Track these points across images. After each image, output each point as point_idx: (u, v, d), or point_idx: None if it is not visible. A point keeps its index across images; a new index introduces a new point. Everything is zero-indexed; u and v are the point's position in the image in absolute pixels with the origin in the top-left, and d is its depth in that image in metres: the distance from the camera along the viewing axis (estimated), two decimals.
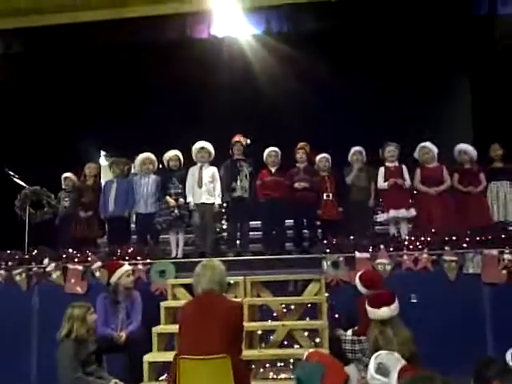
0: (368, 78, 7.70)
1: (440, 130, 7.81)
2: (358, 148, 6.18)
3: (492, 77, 7.73)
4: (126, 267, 4.85)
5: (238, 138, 6.20)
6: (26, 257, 5.69)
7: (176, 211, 5.75)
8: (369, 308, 3.29)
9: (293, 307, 4.90)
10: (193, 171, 5.99)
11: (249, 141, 6.27)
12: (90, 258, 5.46)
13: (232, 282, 4.79)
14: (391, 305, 3.24)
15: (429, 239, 5.16)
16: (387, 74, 7.87)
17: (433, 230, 5.30)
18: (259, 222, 6.31)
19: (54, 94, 8.00)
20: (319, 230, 6.19)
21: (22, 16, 6.42)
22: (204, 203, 5.85)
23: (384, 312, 3.18)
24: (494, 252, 4.95)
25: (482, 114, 8.07)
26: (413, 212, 5.71)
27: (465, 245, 5.07)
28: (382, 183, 5.87)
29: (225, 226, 6.65)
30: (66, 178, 6.78)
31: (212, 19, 6.57)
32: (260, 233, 6.30)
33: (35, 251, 5.74)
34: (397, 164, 5.96)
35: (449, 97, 8.57)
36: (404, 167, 5.92)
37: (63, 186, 6.77)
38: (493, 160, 6.13)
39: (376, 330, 3.17)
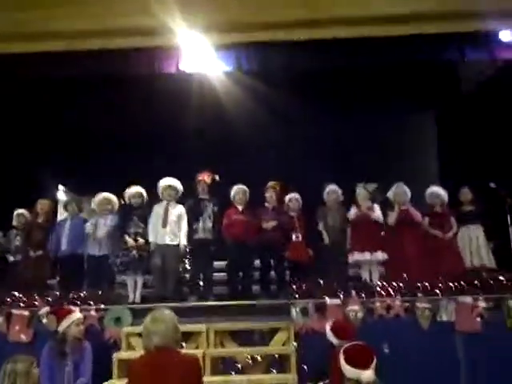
0: (338, 116, 7.69)
1: (407, 174, 7.79)
2: (333, 187, 6.02)
3: (458, 120, 7.84)
4: (77, 315, 4.41)
5: (201, 176, 5.96)
6: None
7: (134, 252, 5.38)
8: (347, 366, 2.97)
9: (259, 358, 4.55)
10: (157, 209, 5.67)
11: (217, 177, 6.03)
12: (37, 303, 5.00)
13: (193, 331, 4.43)
14: (372, 364, 2.95)
15: (401, 285, 4.98)
16: (357, 112, 7.89)
17: (405, 276, 5.12)
18: (224, 263, 6.00)
19: (11, 126, 7.61)
20: (287, 272, 5.94)
21: None
22: (167, 244, 5.52)
23: (368, 376, 2.88)
24: (468, 300, 4.80)
25: (449, 157, 8.14)
26: (385, 256, 5.53)
27: (438, 291, 4.91)
28: (352, 216, 5.70)
29: (188, 267, 6.31)
30: (18, 214, 6.34)
31: (181, 54, 6.42)
32: (224, 274, 5.98)
33: None
34: (369, 204, 5.81)
35: (417, 139, 8.67)
36: (375, 206, 5.78)
37: (15, 224, 6.31)
38: (462, 203, 6.06)
39: None
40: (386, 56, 6.70)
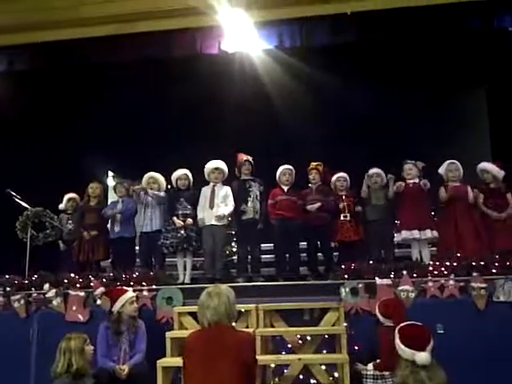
0: (384, 94, 7.46)
1: (457, 150, 7.50)
2: (375, 170, 5.86)
3: (510, 94, 7.45)
4: (130, 294, 4.55)
5: (245, 156, 5.92)
6: (26, 282, 5.40)
7: (182, 232, 5.45)
8: (402, 346, 2.91)
9: (309, 338, 4.53)
10: (205, 191, 5.72)
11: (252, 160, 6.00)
12: (92, 284, 5.15)
13: (243, 310, 4.46)
14: (429, 346, 2.87)
15: (455, 264, 4.81)
16: (403, 91, 7.64)
17: (458, 255, 4.96)
18: (271, 245, 5.99)
19: (60, 112, 7.83)
20: (335, 254, 5.87)
21: (25, 32, 6.25)
22: (214, 225, 5.56)
23: (424, 358, 2.81)
24: None
25: (501, 133, 7.77)
26: (435, 234, 5.37)
27: (494, 270, 4.71)
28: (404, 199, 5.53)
29: (234, 249, 6.34)
30: (69, 198, 6.52)
31: (222, 34, 6.36)
32: (272, 256, 5.98)
33: (35, 276, 5.44)
34: (416, 181, 5.63)
35: (466, 115, 8.31)
36: (423, 181, 5.58)
37: (65, 207, 6.50)
38: None
39: (407, 369, 2.81)
40: (435, 27, 6.40)
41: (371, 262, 5.09)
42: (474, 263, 4.76)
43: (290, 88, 7.25)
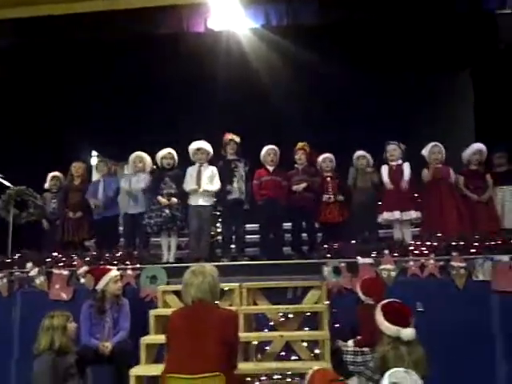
0: (370, 75, 7.43)
1: (441, 131, 7.56)
2: (361, 152, 5.90)
3: (495, 77, 7.48)
4: (114, 273, 4.55)
5: (230, 136, 5.90)
6: (8, 261, 5.37)
7: (167, 211, 5.44)
8: (386, 323, 2.95)
9: (291, 316, 4.59)
10: (190, 171, 5.71)
11: (239, 139, 5.97)
12: (75, 263, 5.14)
13: (226, 288, 4.50)
14: (412, 322, 2.92)
15: (435, 244, 4.89)
16: (389, 72, 7.63)
17: (439, 235, 5.03)
18: (256, 225, 6.02)
19: (43, 90, 7.68)
20: (319, 234, 5.92)
21: (7, 8, 6.09)
22: (201, 205, 5.56)
23: (410, 333, 2.85)
24: (506, 258, 4.68)
25: (485, 116, 7.82)
26: (418, 214, 5.44)
27: (474, 250, 4.79)
28: (386, 179, 5.58)
29: (219, 230, 6.36)
30: (53, 177, 6.44)
31: (209, 12, 6.27)
32: (256, 236, 6.01)
33: (18, 255, 5.41)
34: (400, 162, 5.68)
35: (451, 97, 8.35)
36: (405, 165, 5.63)
37: (49, 186, 6.43)
38: (496, 164, 5.85)
39: (388, 345, 2.86)
40: (421, 8, 6.38)
41: (354, 242, 5.13)
42: (454, 243, 4.84)
43: (276, 67, 7.21)
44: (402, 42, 7.28)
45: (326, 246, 5.15)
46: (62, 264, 5.18)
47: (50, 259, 5.26)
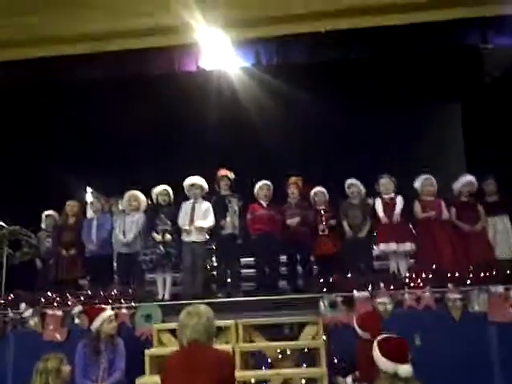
0: (359, 111, 7.59)
1: (433, 164, 7.66)
2: (353, 180, 5.96)
3: (483, 109, 7.66)
4: (108, 312, 4.50)
5: (224, 172, 5.96)
6: (1, 302, 5.31)
7: (162, 248, 5.44)
8: (383, 359, 2.92)
9: (289, 352, 4.55)
10: (185, 207, 5.74)
11: (233, 175, 6.03)
12: (69, 302, 5.10)
13: (222, 326, 4.46)
14: (409, 358, 2.89)
15: (431, 276, 4.89)
16: (379, 107, 7.79)
17: (434, 267, 5.04)
18: (251, 259, 6.01)
19: (38, 130, 7.77)
20: (314, 267, 5.91)
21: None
22: (195, 241, 5.57)
23: (406, 370, 2.82)
24: (500, 289, 4.70)
25: (475, 147, 7.96)
26: (413, 246, 5.46)
27: (469, 282, 4.81)
28: (381, 214, 5.62)
29: (215, 264, 6.34)
30: (47, 215, 6.47)
31: (200, 52, 6.43)
32: (252, 270, 5.99)
33: (11, 295, 5.36)
34: (392, 195, 5.74)
35: (441, 130, 8.51)
36: (398, 199, 5.69)
37: (44, 226, 6.44)
38: (486, 194, 5.91)
39: (385, 382, 2.83)
40: (408, 45, 6.58)
41: (349, 275, 5.13)
42: (449, 275, 4.85)
43: (267, 105, 7.36)
44: (391, 78, 7.50)
45: (321, 279, 5.13)
46: (55, 304, 5.14)
47: (43, 299, 5.21)
